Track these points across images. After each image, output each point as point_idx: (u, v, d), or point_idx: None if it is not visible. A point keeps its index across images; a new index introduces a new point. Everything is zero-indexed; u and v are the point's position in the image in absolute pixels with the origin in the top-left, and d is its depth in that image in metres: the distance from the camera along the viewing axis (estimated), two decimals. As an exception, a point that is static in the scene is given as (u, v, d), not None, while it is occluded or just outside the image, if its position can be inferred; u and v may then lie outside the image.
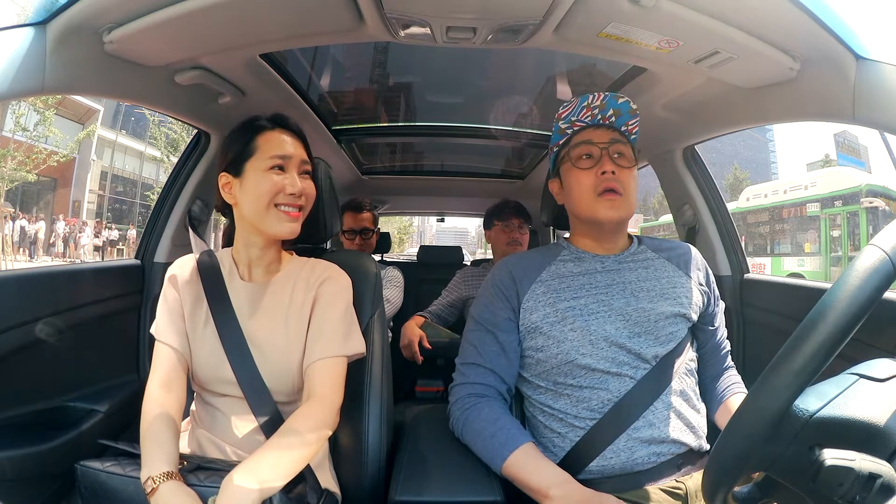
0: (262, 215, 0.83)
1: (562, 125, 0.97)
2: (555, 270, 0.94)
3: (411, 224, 36.50)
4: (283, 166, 0.84)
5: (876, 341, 0.85)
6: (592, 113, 0.93)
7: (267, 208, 0.83)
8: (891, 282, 0.45)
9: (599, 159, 0.90)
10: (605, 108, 0.91)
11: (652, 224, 17.77)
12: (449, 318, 1.98)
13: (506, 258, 1.00)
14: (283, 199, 0.84)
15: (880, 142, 0.97)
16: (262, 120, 0.88)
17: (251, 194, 0.83)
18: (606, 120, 0.93)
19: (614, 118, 0.93)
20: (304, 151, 0.89)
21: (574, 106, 0.94)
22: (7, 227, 14.05)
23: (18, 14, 13.64)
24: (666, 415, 0.84)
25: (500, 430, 0.84)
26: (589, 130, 0.93)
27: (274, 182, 0.83)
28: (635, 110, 0.92)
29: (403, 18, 0.88)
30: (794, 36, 0.81)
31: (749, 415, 0.48)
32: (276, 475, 0.68)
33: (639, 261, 0.95)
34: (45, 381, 1.07)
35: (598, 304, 0.88)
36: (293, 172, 0.85)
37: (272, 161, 0.84)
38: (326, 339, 0.84)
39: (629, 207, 0.90)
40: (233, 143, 0.87)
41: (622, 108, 0.91)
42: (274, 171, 0.84)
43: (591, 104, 0.92)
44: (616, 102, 0.91)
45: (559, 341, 0.87)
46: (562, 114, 0.96)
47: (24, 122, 13.32)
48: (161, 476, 0.69)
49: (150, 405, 0.80)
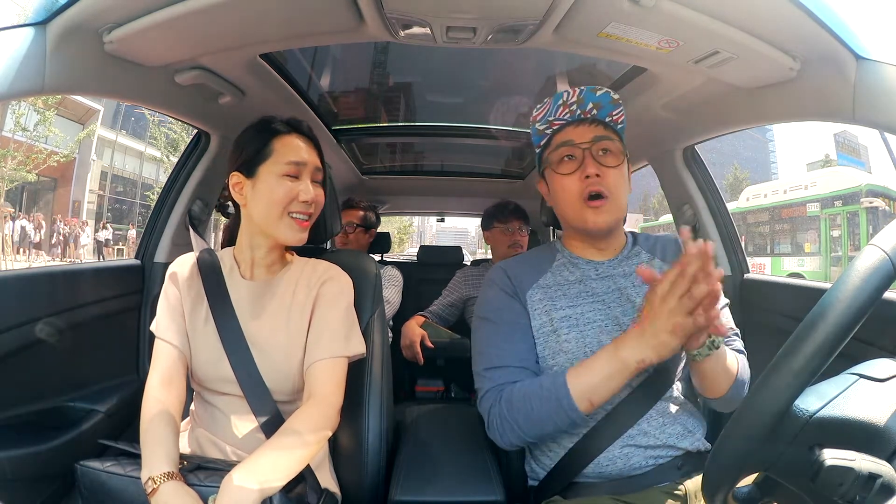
0: (275, 221, 0.83)
1: (539, 126, 0.91)
2: (551, 277, 0.91)
3: (411, 224, 36.51)
4: (297, 173, 0.84)
5: (876, 341, 0.85)
6: (571, 109, 0.87)
7: (280, 216, 0.83)
8: (891, 282, 0.45)
9: (582, 161, 0.84)
10: (584, 102, 0.85)
11: (652, 224, 17.78)
12: (449, 318, 1.99)
13: (500, 263, 0.96)
14: (297, 208, 0.84)
15: (880, 142, 0.97)
16: (277, 123, 0.88)
17: (264, 199, 0.83)
18: (587, 114, 0.86)
19: (595, 111, 0.86)
20: (317, 158, 0.89)
21: (548, 106, 0.87)
22: (7, 227, 14.03)
23: (18, 14, 13.65)
24: (662, 421, 0.82)
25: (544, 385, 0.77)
26: (569, 128, 0.87)
27: (289, 189, 0.83)
28: (617, 100, 0.86)
29: (403, 18, 0.88)
30: (794, 36, 0.81)
31: (749, 415, 0.48)
32: (276, 475, 0.68)
33: (633, 263, 0.91)
34: (45, 381, 1.07)
35: (594, 313, 0.85)
36: (307, 179, 0.85)
37: (288, 167, 0.83)
38: (328, 339, 0.84)
39: (618, 211, 0.86)
40: (247, 143, 0.86)
41: (602, 100, 0.85)
42: (289, 177, 0.84)
43: (566, 101, 0.86)
44: (594, 95, 0.85)
45: (555, 352, 0.84)
46: (536, 116, 0.90)
47: (24, 122, 13.32)
48: (162, 476, 0.69)
49: (150, 403, 0.80)
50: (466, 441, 1.09)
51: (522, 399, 0.77)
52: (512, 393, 0.79)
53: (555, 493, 0.85)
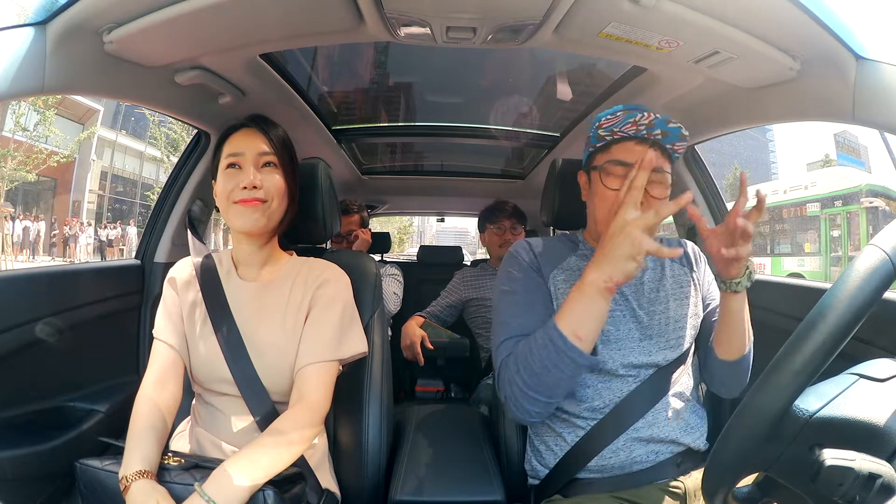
0: (227, 213, 0.85)
1: (601, 132, 0.88)
2: (574, 263, 0.92)
3: (411, 224, 36.48)
4: (236, 163, 0.85)
5: (876, 341, 0.85)
6: (638, 128, 0.84)
7: (228, 206, 0.85)
8: (891, 282, 0.45)
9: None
10: (654, 126, 0.83)
11: (652, 224, 17.72)
12: (448, 320, 1.98)
13: (525, 239, 0.97)
14: (238, 196, 0.83)
15: (880, 142, 0.97)
16: (230, 126, 0.89)
17: (218, 197, 0.86)
18: (651, 136, 0.84)
19: (661, 137, 0.84)
20: (263, 144, 0.86)
21: (619, 119, 0.85)
22: (7, 226, 14.04)
23: (18, 14, 13.64)
24: (666, 415, 0.84)
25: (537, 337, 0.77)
26: (631, 144, 0.84)
27: (228, 179, 0.84)
28: (685, 135, 0.83)
29: (403, 18, 0.88)
30: (794, 36, 0.81)
31: (749, 415, 0.48)
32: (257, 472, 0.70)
33: (647, 262, 0.94)
34: (45, 381, 1.07)
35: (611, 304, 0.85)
36: (248, 167, 0.85)
37: (226, 160, 0.86)
38: (318, 343, 0.84)
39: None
40: (214, 151, 0.89)
41: (672, 132, 0.83)
42: (230, 170, 0.85)
43: (638, 121, 0.83)
44: (666, 125, 0.82)
45: None
46: (603, 123, 0.87)
47: (24, 122, 13.32)
48: (134, 475, 0.70)
49: (140, 402, 0.81)
50: (466, 441, 1.09)
51: (524, 355, 0.77)
52: (517, 358, 0.79)
53: (556, 492, 0.86)
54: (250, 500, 0.68)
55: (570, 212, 1.02)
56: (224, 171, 0.85)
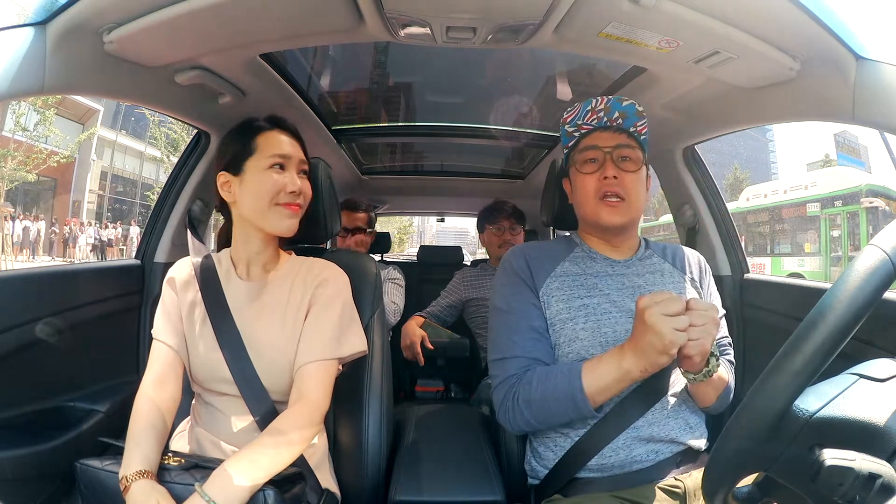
0: (264, 213, 0.85)
1: (568, 129, 0.97)
2: (569, 266, 0.94)
3: (411, 224, 36.48)
4: (283, 165, 0.86)
5: (876, 341, 0.85)
6: (598, 116, 0.93)
7: (269, 206, 0.84)
8: (891, 282, 0.45)
9: (603, 163, 0.90)
10: (611, 111, 0.91)
11: (651, 224, 17.75)
12: (448, 320, 1.99)
13: (521, 245, 1.00)
14: (284, 199, 0.85)
15: (880, 142, 0.97)
16: (259, 121, 0.90)
17: (252, 192, 0.85)
18: (613, 122, 0.92)
19: (621, 120, 0.92)
20: (301, 152, 0.91)
21: (578, 110, 0.94)
22: (7, 226, 14.03)
23: (18, 14, 13.63)
24: (665, 414, 0.84)
25: (559, 387, 0.80)
26: (595, 134, 0.93)
27: (275, 180, 0.84)
28: (642, 112, 0.92)
29: (403, 18, 0.88)
30: (794, 36, 0.81)
31: (749, 415, 0.48)
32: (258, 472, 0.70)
33: (646, 265, 0.96)
34: (45, 381, 1.07)
35: (609, 305, 0.89)
36: (293, 171, 0.87)
37: (272, 160, 0.85)
38: (318, 342, 0.84)
39: (633, 212, 0.91)
40: (231, 143, 0.88)
41: (628, 111, 0.91)
42: (274, 169, 0.85)
43: (595, 108, 0.92)
44: (620, 105, 0.91)
45: (570, 340, 0.87)
46: (566, 118, 0.97)
47: (24, 122, 13.32)
48: (134, 475, 0.71)
49: (139, 402, 0.82)
50: (466, 441, 1.09)
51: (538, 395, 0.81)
52: (529, 389, 0.82)
53: (556, 492, 0.86)
54: (250, 500, 0.68)
55: (569, 212, 1.02)
56: (266, 170, 0.85)
